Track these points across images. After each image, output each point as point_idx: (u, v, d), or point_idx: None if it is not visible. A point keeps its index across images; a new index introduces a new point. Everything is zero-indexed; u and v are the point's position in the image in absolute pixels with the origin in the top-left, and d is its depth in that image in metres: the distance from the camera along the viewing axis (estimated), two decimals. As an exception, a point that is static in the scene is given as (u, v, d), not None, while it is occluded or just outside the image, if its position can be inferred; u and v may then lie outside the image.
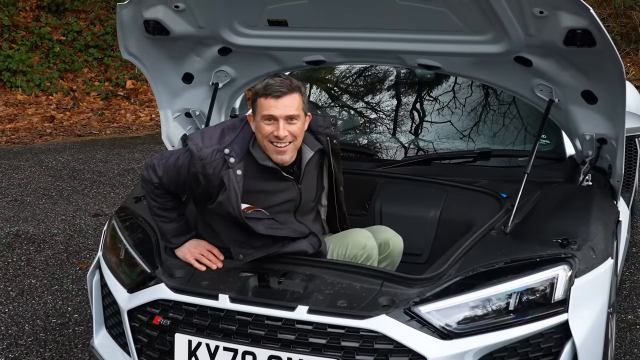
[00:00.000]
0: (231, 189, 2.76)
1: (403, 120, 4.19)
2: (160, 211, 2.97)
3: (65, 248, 5.03)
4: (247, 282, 2.78)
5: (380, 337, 2.53)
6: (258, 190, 2.87)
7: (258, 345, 2.62)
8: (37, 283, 4.50)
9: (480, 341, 2.58)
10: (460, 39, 3.12)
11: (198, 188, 2.86)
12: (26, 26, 10.27)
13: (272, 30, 3.32)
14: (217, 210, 2.84)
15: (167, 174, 2.90)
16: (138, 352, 2.88)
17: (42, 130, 8.72)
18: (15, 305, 4.20)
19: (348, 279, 2.74)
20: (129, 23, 3.33)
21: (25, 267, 4.73)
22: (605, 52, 2.84)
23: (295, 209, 2.99)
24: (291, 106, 2.80)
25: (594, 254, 2.85)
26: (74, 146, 7.93)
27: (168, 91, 3.76)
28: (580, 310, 2.72)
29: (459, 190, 3.40)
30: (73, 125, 9.05)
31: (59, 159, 7.34)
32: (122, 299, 2.96)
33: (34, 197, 6.15)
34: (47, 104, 9.60)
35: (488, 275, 2.71)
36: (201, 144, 2.81)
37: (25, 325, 3.96)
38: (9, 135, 8.45)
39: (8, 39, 10.04)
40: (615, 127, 3.21)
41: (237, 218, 2.78)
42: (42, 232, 5.32)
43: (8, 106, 9.34)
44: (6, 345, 3.75)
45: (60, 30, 10.45)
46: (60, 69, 10.10)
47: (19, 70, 9.69)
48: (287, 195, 2.94)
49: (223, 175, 2.77)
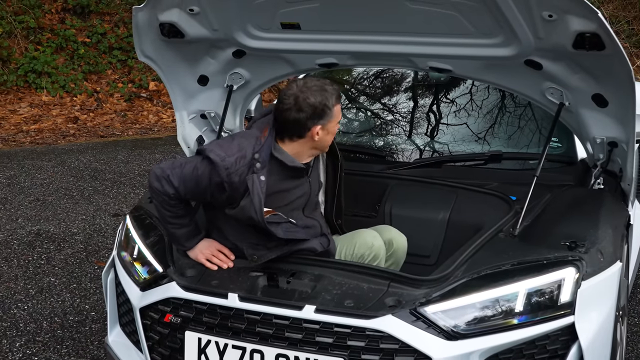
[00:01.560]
0: (255, 194, 2.78)
1: (414, 123, 4.22)
2: (173, 219, 2.97)
3: (85, 247, 5.12)
4: (256, 281, 2.82)
5: (386, 337, 2.56)
6: (277, 191, 2.92)
7: (266, 343, 2.66)
8: (56, 281, 4.58)
9: (485, 342, 2.60)
10: (471, 42, 3.13)
11: (222, 196, 2.86)
12: (51, 28, 10.42)
13: (286, 33, 3.35)
14: (238, 215, 2.85)
15: (185, 185, 2.88)
16: (150, 349, 2.94)
17: (65, 131, 8.85)
18: (34, 302, 4.29)
19: (356, 280, 2.77)
20: (145, 26, 3.38)
21: (45, 265, 4.82)
22: (615, 56, 2.84)
23: (305, 204, 3.04)
24: None
25: (602, 257, 2.86)
26: (96, 147, 8.06)
27: (183, 93, 3.81)
28: (587, 313, 2.73)
29: (468, 193, 3.42)
30: (96, 126, 9.18)
31: (81, 159, 7.46)
32: (135, 297, 3.01)
33: (56, 196, 6.26)
34: (71, 105, 9.74)
35: (494, 276, 2.73)
36: (223, 154, 2.82)
37: (44, 322, 4.04)
38: (33, 136, 8.58)
39: (34, 41, 10.19)
40: (625, 131, 3.21)
41: (258, 222, 2.81)
42: (63, 232, 5.42)
43: (33, 107, 9.48)
44: (24, 341, 3.83)
45: (85, 33, 10.59)
46: (85, 70, 10.24)
47: (44, 71, 9.84)
48: (301, 190, 3.01)
49: (247, 180, 2.79)
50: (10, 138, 8.40)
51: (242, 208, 2.82)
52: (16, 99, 9.61)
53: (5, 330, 3.94)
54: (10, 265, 4.80)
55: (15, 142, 8.28)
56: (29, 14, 10.22)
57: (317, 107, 2.87)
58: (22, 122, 8.99)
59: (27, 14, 10.22)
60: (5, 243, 5.17)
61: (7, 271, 4.71)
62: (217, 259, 2.93)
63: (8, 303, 4.26)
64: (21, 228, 5.47)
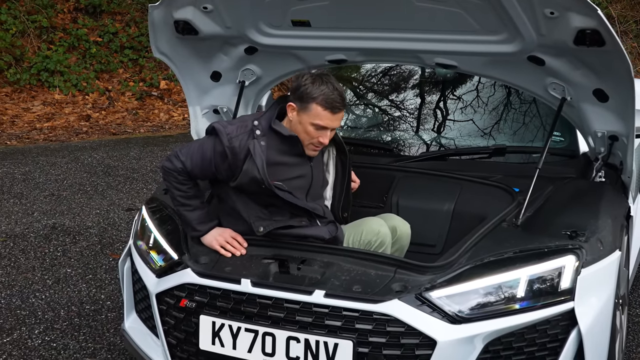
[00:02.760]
0: (256, 155, 2.98)
1: (420, 119, 4.33)
2: (184, 199, 3.13)
3: (99, 240, 5.25)
4: (268, 268, 2.94)
5: (393, 321, 2.67)
6: (278, 163, 3.08)
7: (277, 326, 2.77)
8: (72, 272, 4.71)
9: (488, 326, 2.70)
10: (476, 38, 3.24)
11: (224, 164, 3.05)
12: (64, 28, 10.59)
13: (296, 30, 3.46)
14: (243, 182, 3.02)
15: (191, 159, 3.09)
16: (165, 333, 3.05)
17: (78, 129, 9.00)
18: (52, 292, 4.42)
19: (363, 266, 2.89)
20: (160, 23, 3.50)
21: (61, 257, 4.95)
22: (614, 52, 2.94)
23: (308, 188, 3.17)
24: (339, 119, 3.07)
25: (602, 246, 2.96)
26: (109, 144, 8.21)
27: (197, 89, 3.93)
28: (587, 299, 2.82)
29: (472, 185, 3.53)
30: (108, 124, 9.33)
31: (94, 156, 7.61)
32: (151, 283, 3.13)
33: (70, 192, 6.40)
34: (83, 103, 9.89)
35: (497, 263, 2.83)
36: (226, 124, 3.09)
37: (61, 311, 4.17)
38: (46, 134, 8.73)
39: (46, 40, 10.36)
40: (626, 125, 3.31)
41: (261, 181, 2.97)
42: (78, 225, 5.55)
43: (46, 105, 9.64)
44: (43, 329, 3.96)
45: (96, 32, 10.76)
46: (97, 69, 10.40)
47: (56, 70, 10.00)
48: (301, 170, 3.14)
49: (249, 144, 2.99)
50: (24, 135, 8.56)
51: (246, 171, 3.00)
52: (29, 97, 9.77)
53: (25, 318, 4.07)
54: (28, 257, 4.94)
55: (29, 139, 8.44)
56: (41, 14, 10.38)
57: (301, 88, 3.03)
58: (36, 120, 9.13)
59: (40, 14, 10.38)
60: (22, 236, 5.31)
61: (24, 263, 4.85)
62: (230, 246, 3.05)
63: (26, 293, 4.40)
64: (37, 222, 5.61)
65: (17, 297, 4.34)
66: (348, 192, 3.37)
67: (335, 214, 3.32)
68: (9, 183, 6.59)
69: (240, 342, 2.82)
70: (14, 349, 3.75)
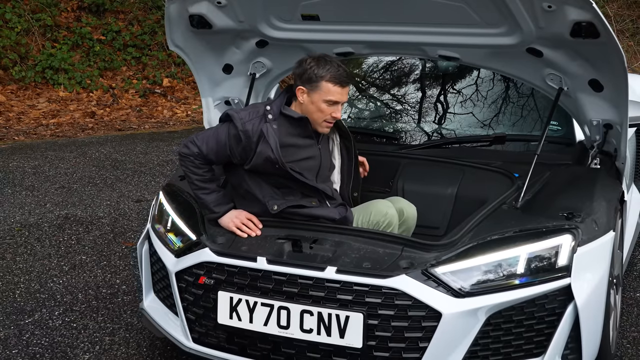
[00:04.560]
0: (270, 136, 3.20)
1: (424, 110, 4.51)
2: (201, 183, 3.33)
3: (112, 229, 5.42)
4: (282, 247, 3.11)
5: (400, 294, 2.84)
6: (289, 144, 3.29)
7: (292, 301, 2.95)
8: (87, 259, 4.88)
9: (490, 300, 2.88)
10: (477, 31, 3.41)
11: (238, 147, 3.26)
12: (68, 26, 10.73)
13: (305, 24, 3.62)
14: (256, 162, 3.23)
15: (207, 144, 3.30)
16: (185, 309, 3.22)
17: (84, 125, 9.14)
18: (69, 277, 4.58)
19: (372, 245, 3.06)
20: (176, 17, 3.66)
21: (75, 245, 5.12)
22: (608, 43, 3.11)
23: (317, 170, 3.36)
24: (347, 93, 3.31)
25: (597, 227, 3.14)
26: (115, 139, 8.37)
27: (210, 81, 4.09)
28: (582, 276, 3.00)
29: (474, 170, 3.71)
30: (113, 120, 9.48)
31: (101, 150, 7.77)
32: (171, 263, 3.30)
33: (80, 184, 6.56)
34: (87, 100, 10.03)
35: (498, 242, 3.00)
36: (239, 110, 3.35)
37: (79, 294, 4.34)
38: (53, 130, 8.88)
39: (51, 38, 10.51)
40: (619, 113, 3.48)
41: (275, 161, 3.18)
42: (89, 215, 5.72)
43: (51, 102, 9.79)
44: (62, 310, 4.13)
45: (100, 30, 10.90)
46: (100, 67, 10.54)
47: (61, 68, 10.14)
48: (310, 151, 3.35)
49: (262, 127, 3.22)
50: (30, 131, 8.71)
51: (259, 153, 3.21)
52: (34, 95, 9.92)
53: (44, 301, 4.25)
54: (43, 245, 5.11)
55: (36, 135, 8.59)
56: (45, 12, 10.53)
57: (307, 70, 3.26)
58: (41, 117, 9.28)
59: (44, 12, 10.52)
60: (36, 225, 5.48)
61: (40, 250, 5.02)
62: (246, 227, 3.22)
63: (44, 278, 4.57)
64: (50, 212, 5.78)
65: (36, 281, 4.51)
66: (357, 173, 3.56)
67: (345, 196, 3.50)
68: (20, 176, 6.75)
69: (256, 316, 2.99)
70: (36, 328, 3.92)
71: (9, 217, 5.67)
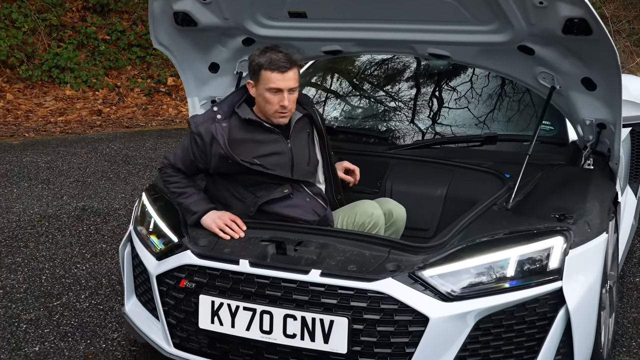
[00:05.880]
0: (218, 134, 3.19)
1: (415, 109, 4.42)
2: (179, 189, 3.32)
3: (128, 220, 5.51)
4: (265, 249, 3.02)
5: (386, 298, 2.75)
6: (247, 140, 3.27)
7: (275, 305, 2.85)
8: (107, 247, 4.99)
9: (479, 304, 2.79)
10: (467, 29, 3.33)
11: (198, 151, 3.26)
12: (73, 26, 10.88)
13: (293, 21, 3.55)
14: (215, 163, 3.23)
15: (175, 154, 3.37)
16: (165, 313, 3.13)
17: (92, 122, 9.28)
18: (91, 264, 4.71)
19: (358, 247, 2.97)
20: (160, 14, 3.58)
21: (94, 234, 5.24)
22: (601, 41, 3.03)
23: (291, 166, 3.30)
24: (293, 79, 3.21)
25: (589, 228, 3.05)
26: (124, 136, 8.52)
27: (196, 80, 4.01)
28: (574, 279, 2.92)
29: (464, 171, 3.63)
30: (120, 118, 9.62)
31: (111, 146, 7.90)
32: (152, 266, 3.21)
33: (94, 178, 6.70)
34: (93, 99, 10.18)
35: (488, 244, 2.92)
36: (198, 114, 3.40)
37: (102, 279, 4.47)
38: (62, 127, 9.00)
39: (56, 37, 10.64)
40: (613, 113, 3.41)
41: (227, 157, 3.16)
42: (106, 207, 5.84)
43: (58, 101, 9.91)
44: (88, 294, 4.27)
45: (104, 30, 11.04)
46: (105, 66, 10.69)
47: (67, 67, 10.28)
48: (276, 147, 3.30)
49: (210, 127, 3.21)
50: (40, 128, 8.84)
51: (214, 153, 3.21)
52: (41, 93, 10.06)
53: (70, 285, 4.39)
54: (64, 235, 5.24)
55: (46, 132, 8.72)
56: (51, 12, 10.65)
57: (251, 63, 3.27)
58: (49, 115, 9.41)
59: (50, 12, 10.65)
60: (55, 217, 5.62)
61: (61, 239, 5.16)
62: (229, 228, 3.14)
63: (68, 264, 4.70)
64: (67, 204, 5.92)
65: (60, 268, 4.65)
66: (335, 175, 3.51)
67: (330, 198, 3.42)
68: (35, 170, 6.87)
69: (238, 320, 2.90)
70: (65, 310, 4.08)
71: (28, 208, 5.80)
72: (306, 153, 3.41)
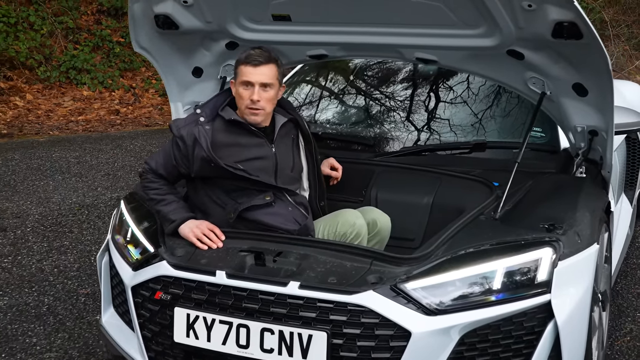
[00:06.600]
0: (201, 137, 3.12)
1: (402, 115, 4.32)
2: (158, 195, 3.24)
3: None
4: (244, 260, 2.91)
5: (367, 312, 2.65)
6: (230, 143, 3.18)
7: (252, 318, 2.75)
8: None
9: (464, 318, 2.68)
10: (455, 32, 3.23)
11: (180, 155, 3.19)
12: (88, 29, 11.14)
13: (277, 25, 3.46)
14: (197, 167, 3.16)
15: (156, 159, 3.30)
16: (140, 326, 3.03)
17: (111, 121, 9.48)
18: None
19: (340, 258, 2.87)
20: (140, 17, 3.50)
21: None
22: (592, 45, 2.94)
23: (275, 171, 3.21)
24: (267, 75, 3.16)
25: (580, 239, 2.94)
26: (145, 134, 8.73)
27: (179, 85, 3.92)
28: (564, 292, 2.80)
29: (452, 179, 3.52)
30: (138, 117, 9.81)
31: (135, 143, 8.12)
32: (127, 276, 3.11)
33: (123, 172, 6.94)
34: (110, 99, 10.40)
35: (474, 255, 2.81)
36: (179, 118, 3.33)
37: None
38: (83, 125, 9.20)
39: (73, 40, 10.91)
40: (605, 119, 3.31)
41: (209, 160, 3.09)
42: (140, 198, 6.01)
43: (76, 101, 10.14)
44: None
45: (119, 33, 11.27)
46: (121, 67, 10.96)
47: (83, 68, 10.55)
48: (260, 151, 3.21)
49: (193, 130, 3.13)
50: (63, 127, 9.04)
51: (196, 156, 3.14)
52: (59, 94, 10.29)
53: None
54: (105, 222, 5.63)
55: (69, 130, 8.92)
56: (67, 15, 10.94)
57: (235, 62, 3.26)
58: (69, 114, 9.61)
59: (66, 15, 10.94)
60: (93, 206, 6.00)
61: (103, 225, 5.55)
62: (207, 238, 3.04)
63: None
64: (102, 195, 6.28)
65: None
66: (321, 181, 3.41)
67: (313, 205, 3.32)
68: (66, 165, 7.19)
69: (214, 334, 2.80)
70: None
71: (66, 198, 6.15)
72: (290, 158, 3.33)
